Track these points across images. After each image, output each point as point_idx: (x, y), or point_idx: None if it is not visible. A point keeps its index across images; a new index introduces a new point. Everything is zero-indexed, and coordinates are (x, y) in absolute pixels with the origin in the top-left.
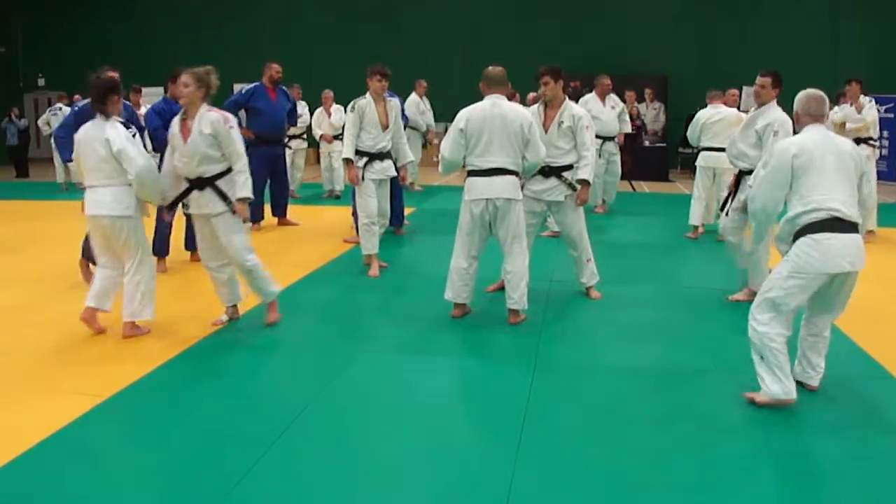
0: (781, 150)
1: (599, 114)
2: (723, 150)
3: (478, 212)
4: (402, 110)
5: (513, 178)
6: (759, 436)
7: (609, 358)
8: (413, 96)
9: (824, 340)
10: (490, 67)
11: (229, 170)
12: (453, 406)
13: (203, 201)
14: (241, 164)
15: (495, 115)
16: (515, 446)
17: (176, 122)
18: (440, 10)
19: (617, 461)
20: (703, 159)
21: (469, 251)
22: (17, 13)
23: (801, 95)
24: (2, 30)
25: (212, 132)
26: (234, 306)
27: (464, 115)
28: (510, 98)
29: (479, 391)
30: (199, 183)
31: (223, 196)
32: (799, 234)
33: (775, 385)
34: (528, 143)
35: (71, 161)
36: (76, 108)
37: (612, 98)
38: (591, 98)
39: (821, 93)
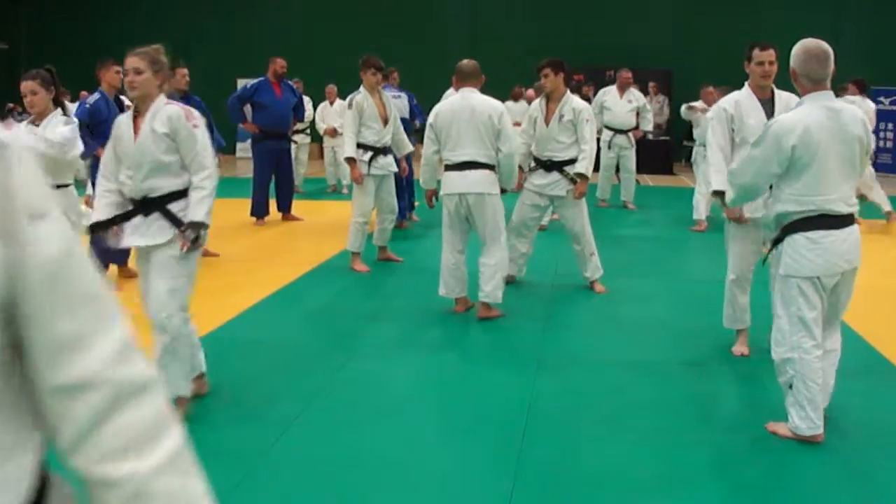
0: (780, 133)
1: (613, 105)
2: None
3: (452, 206)
4: (413, 106)
5: (487, 171)
6: (765, 433)
7: (613, 352)
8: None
9: (833, 356)
10: (463, 61)
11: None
12: (455, 402)
13: (145, 229)
14: (204, 175)
15: (464, 107)
16: (519, 443)
17: (125, 121)
18: (444, 5)
19: (622, 459)
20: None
21: (454, 245)
22: (21, 8)
23: (799, 50)
24: (5, 25)
25: (169, 131)
26: (201, 376)
27: (434, 110)
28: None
29: (482, 386)
30: (144, 206)
31: (177, 223)
32: (790, 228)
33: (800, 420)
34: (499, 134)
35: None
36: (87, 105)
37: (633, 92)
38: (609, 89)
39: (822, 46)
